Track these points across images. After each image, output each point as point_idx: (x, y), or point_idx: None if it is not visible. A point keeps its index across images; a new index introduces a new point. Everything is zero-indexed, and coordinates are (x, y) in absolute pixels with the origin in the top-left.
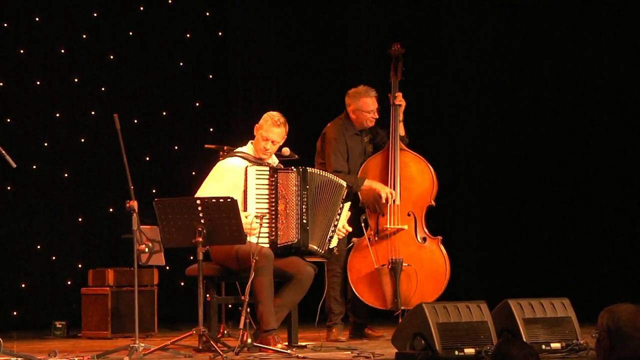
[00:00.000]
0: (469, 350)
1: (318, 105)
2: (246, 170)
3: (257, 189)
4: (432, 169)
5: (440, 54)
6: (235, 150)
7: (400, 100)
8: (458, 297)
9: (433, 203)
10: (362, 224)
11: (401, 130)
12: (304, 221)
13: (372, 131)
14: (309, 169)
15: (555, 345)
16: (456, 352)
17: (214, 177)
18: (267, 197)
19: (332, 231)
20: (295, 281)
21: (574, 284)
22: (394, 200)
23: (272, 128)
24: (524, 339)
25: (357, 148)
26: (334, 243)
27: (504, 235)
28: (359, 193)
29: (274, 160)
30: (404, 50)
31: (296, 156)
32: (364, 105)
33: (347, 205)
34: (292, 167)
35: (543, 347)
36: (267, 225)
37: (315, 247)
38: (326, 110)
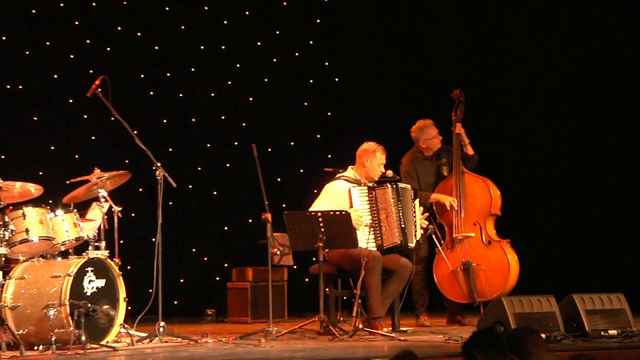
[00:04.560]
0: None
1: (410, 138)
2: (350, 192)
3: (360, 204)
4: (490, 186)
5: (504, 66)
6: (338, 175)
7: (458, 129)
8: (530, 292)
9: (499, 213)
10: (433, 236)
11: (470, 150)
12: (402, 226)
13: (447, 155)
14: (399, 184)
15: (612, 332)
16: None
17: (324, 196)
18: (368, 210)
19: (415, 226)
20: (397, 275)
21: (628, 282)
22: (457, 212)
23: (382, 155)
24: (587, 328)
25: (426, 170)
26: (419, 235)
27: (570, 240)
28: (434, 210)
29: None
30: (463, 95)
31: (398, 177)
32: (428, 134)
33: (417, 201)
34: (386, 184)
35: (602, 333)
36: (372, 232)
37: (412, 245)
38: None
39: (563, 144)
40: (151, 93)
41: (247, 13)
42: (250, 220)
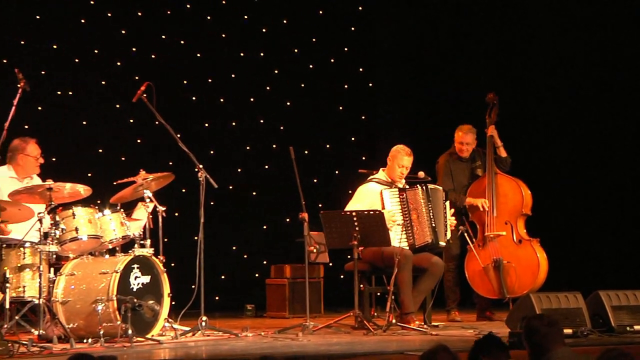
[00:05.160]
0: (567, 331)
1: (441, 140)
2: (381, 193)
3: (391, 205)
4: (522, 187)
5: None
6: (370, 177)
7: (491, 131)
8: (558, 288)
9: (529, 213)
10: (465, 234)
11: (503, 152)
12: (433, 225)
13: (482, 157)
14: (429, 185)
15: (638, 328)
16: None
17: (357, 198)
18: (400, 211)
19: (446, 226)
20: (429, 273)
21: None
22: (490, 211)
23: (405, 157)
24: (612, 323)
25: (461, 171)
26: (449, 235)
27: (596, 238)
28: (467, 209)
29: (402, 181)
30: (498, 99)
31: (429, 178)
32: (463, 138)
33: (448, 203)
34: (417, 185)
35: (627, 328)
36: (405, 232)
37: (443, 244)
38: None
39: (588, 144)
40: (193, 98)
41: (284, 22)
42: (287, 220)
